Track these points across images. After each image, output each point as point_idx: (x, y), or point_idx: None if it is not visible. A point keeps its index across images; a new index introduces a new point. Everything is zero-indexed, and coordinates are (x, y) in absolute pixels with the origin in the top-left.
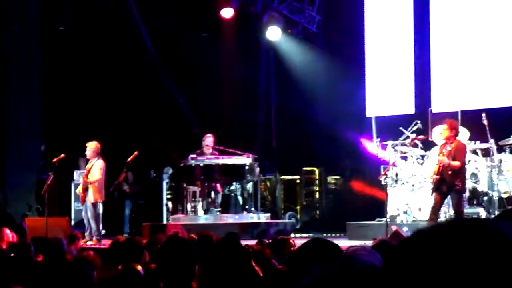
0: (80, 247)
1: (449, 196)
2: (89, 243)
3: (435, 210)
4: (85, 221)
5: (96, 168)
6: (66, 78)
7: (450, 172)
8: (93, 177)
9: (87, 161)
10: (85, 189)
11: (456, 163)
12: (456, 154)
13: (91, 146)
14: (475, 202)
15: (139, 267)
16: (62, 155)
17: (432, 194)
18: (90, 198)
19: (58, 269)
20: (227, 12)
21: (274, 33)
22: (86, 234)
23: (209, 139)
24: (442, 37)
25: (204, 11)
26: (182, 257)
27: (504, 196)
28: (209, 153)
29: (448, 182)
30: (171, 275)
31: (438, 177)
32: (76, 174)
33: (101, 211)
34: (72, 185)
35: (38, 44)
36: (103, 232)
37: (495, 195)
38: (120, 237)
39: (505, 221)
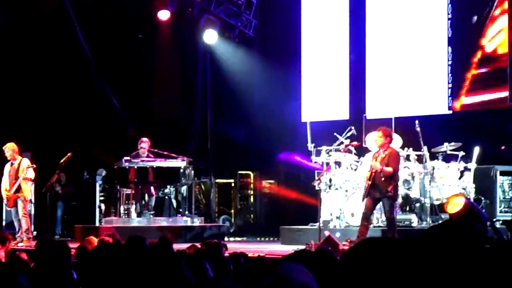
0: (11, 249)
1: (381, 202)
2: (20, 244)
3: (367, 216)
4: (16, 223)
5: (25, 166)
6: None
7: (382, 179)
8: (29, 174)
9: (7, 162)
10: (17, 190)
11: (389, 169)
12: (389, 160)
13: (10, 147)
14: (407, 209)
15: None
16: None
17: (363, 200)
18: (25, 195)
19: None
20: (164, 14)
21: (210, 37)
22: (17, 235)
23: (144, 144)
24: (377, 44)
25: (141, 13)
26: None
27: (436, 203)
28: (144, 156)
29: (381, 188)
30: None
31: (370, 182)
32: (8, 176)
33: (33, 211)
34: (2, 186)
35: None
36: (34, 233)
37: (427, 202)
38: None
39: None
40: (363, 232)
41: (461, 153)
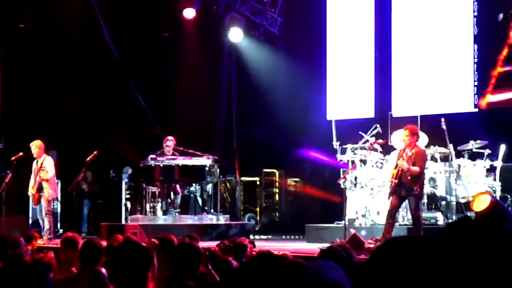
0: (37, 247)
1: (407, 200)
2: (39, 242)
3: (392, 214)
4: (40, 221)
5: (48, 165)
6: (26, 76)
7: (409, 177)
8: (48, 174)
9: (33, 160)
10: (39, 189)
11: (416, 169)
12: (416, 159)
13: (37, 145)
14: (433, 207)
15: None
16: (21, 153)
17: (389, 198)
18: (46, 195)
19: (15, 272)
20: (189, 13)
21: (235, 35)
22: (43, 233)
23: (170, 142)
24: (403, 42)
25: (166, 11)
26: (135, 260)
27: (462, 201)
28: (169, 154)
29: (407, 187)
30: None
31: (396, 181)
32: (33, 173)
33: (59, 209)
34: (30, 184)
35: None
36: (60, 231)
37: (453, 200)
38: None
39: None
40: (388, 230)
41: (487, 151)
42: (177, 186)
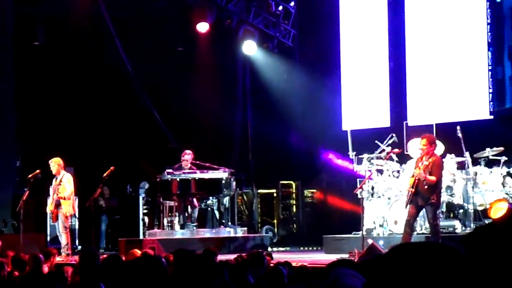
0: (56, 263)
1: (424, 210)
2: (58, 258)
3: (410, 223)
4: (59, 238)
5: (66, 182)
6: (42, 93)
7: (426, 187)
8: (66, 192)
9: (53, 177)
10: (57, 205)
11: (433, 178)
12: (433, 168)
13: (56, 162)
14: (451, 215)
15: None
16: (38, 171)
17: (406, 207)
18: (64, 211)
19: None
20: (203, 27)
21: (249, 47)
22: (62, 250)
23: (188, 156)
24: (416, 51)
25: (180, 26)
26: (151, 275)
27: (480, 208)
28: (187, 168)
29: (423, 196)
30: None
31: (413, 190)
32: (51, 190)
33: (77, 226)
34: (48, 201)
35: (12, 59)
36: (79, 247)
37: (471, 208)
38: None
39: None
40: (406, 239)
41: (504, 158)
42: (194, 199)
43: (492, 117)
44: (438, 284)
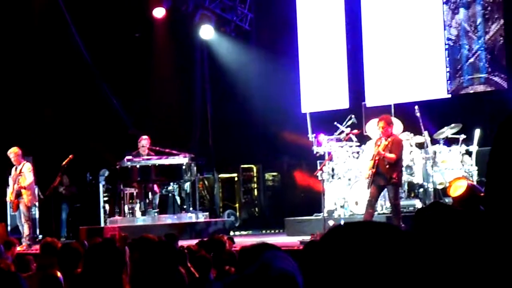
0: (17, 253)
1: (385, 189)
2: (18, 248)
3: (372, 203)
4: (20, 228)
5: (26, 171)
6: None
7: (387, 166)
8: (26, 181)
9: (12, 166)
10: (18, 195)
11: (392, 156)
12: (392, 147)
13: (15, 151)
14: (411, 195)
15: (59, 274)
16: None
17: (368, 188)
18: (25, 201)
19: None
20: (159, 12)
21: (207, 32)
22: (23, 240)
23: (144, 141)
24: (373, 32)
25: (136, 11)
26: (108, 263)
27: (439, 187)
28: (145, 154)
29: (385, 175)
30: (97, 281)
31: (374, 170)
32: (10, 180)
33: (37, 215)
34: (8, 191)
35: None
36: (39, 236)
37: (431, 187)
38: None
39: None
40: (367, 218)
41: (462, 136)
42: (155, 186)
43: (450, 96)
44: (373, 263)
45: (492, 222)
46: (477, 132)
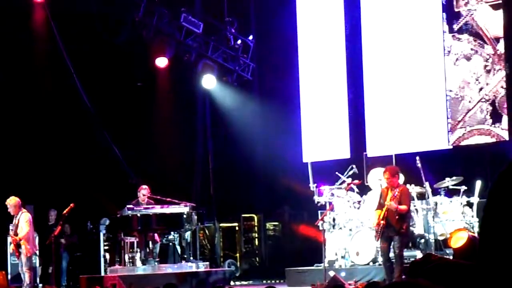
0: None
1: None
2: None
3: (386, 257)
4: (22, 275)
5: (23, 222)
6: (0, 131)
7: (397, 217)
8: (23, 232)
9: (12, 217)
10: (17, 245)
11: (404, 207)
12: (402, 198)
13: (12, 202)
14: (412, 245)
15: None
16: None
17: (377, 240)
18: (24, 251)
19: None
20: (162, 62)
21: (209, 81)
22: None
23: (144, 190)
24: (375, 82)
25: (139, 61)
26: None
27: (440, 238)
28: (145, 203)
29: (394, 227)
30: None
31: (384, 222)
32: (12, 228)
33: (37, 263)
34: (8, 238)
35: None
36: (40, 285)
37: (431, 238)
38: None
39: None
40: (390, 272)
41: (463, 188)
42: (155, 235)
43: (451, 147)
44: None
45: (485, 277)
46: (478, 184)
